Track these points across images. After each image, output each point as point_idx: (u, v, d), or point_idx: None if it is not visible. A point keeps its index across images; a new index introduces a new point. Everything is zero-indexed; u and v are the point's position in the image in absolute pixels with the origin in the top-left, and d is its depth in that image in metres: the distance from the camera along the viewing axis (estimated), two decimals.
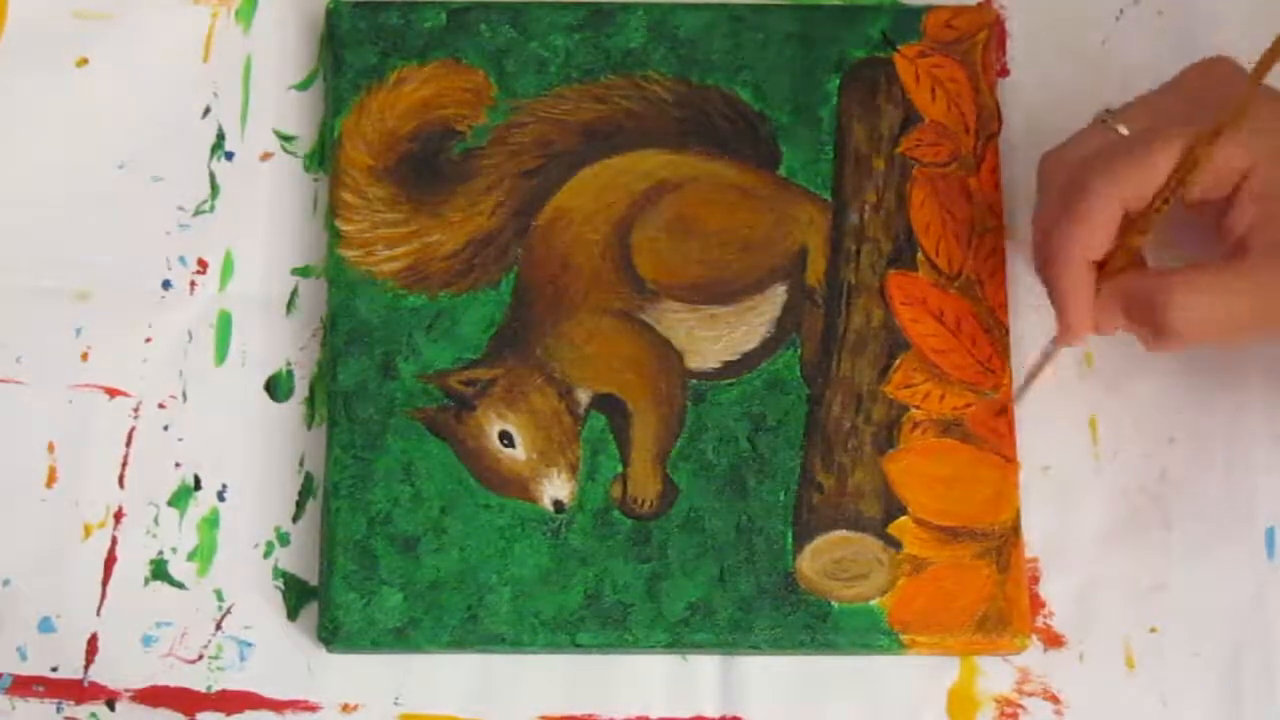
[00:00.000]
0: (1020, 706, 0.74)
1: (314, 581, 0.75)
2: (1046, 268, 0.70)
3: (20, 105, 0.80)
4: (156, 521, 0.75)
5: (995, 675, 0.74)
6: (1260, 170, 0.67)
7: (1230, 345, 0.69)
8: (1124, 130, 0.69)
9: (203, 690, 0.74)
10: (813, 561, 0.74)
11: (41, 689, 0.74)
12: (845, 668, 0.74)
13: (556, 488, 0.74)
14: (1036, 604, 0.75)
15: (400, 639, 0.73)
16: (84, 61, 0.80)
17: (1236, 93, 0.66)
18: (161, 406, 0.76)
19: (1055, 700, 0.74)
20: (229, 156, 0.79)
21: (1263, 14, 0.81)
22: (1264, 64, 0.64)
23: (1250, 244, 0.68)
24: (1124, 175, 0.67)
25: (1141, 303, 0.68)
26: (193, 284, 0.78)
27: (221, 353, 0.77)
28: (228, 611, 0.74)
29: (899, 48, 0.79)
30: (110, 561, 0.75)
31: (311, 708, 0.74)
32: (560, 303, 0.76)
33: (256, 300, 0.78)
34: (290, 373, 0.77)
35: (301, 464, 0.76)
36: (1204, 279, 0.68)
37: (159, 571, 0.75)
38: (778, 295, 0.76)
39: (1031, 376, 0.74)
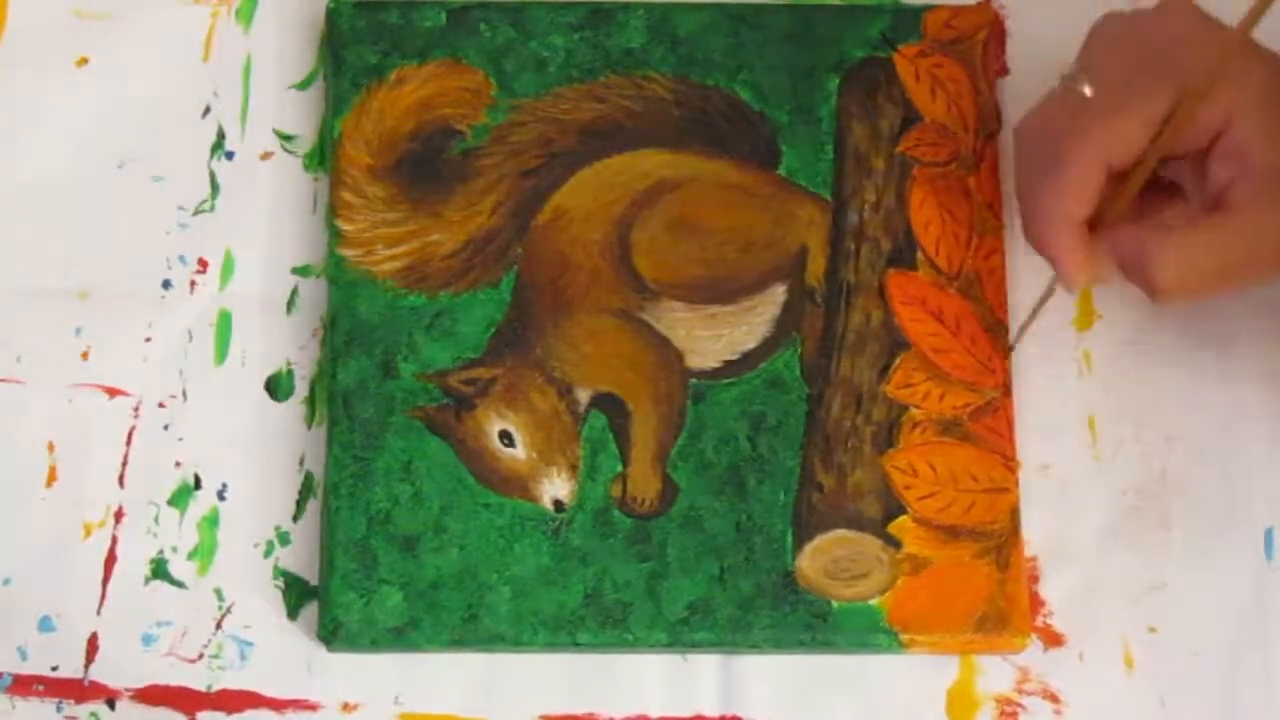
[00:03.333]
0: (1020, 706, 0.74)
1: (314, 581, 0.75)
2: (1032, 230, 0.71)
3: (20, 105, 0.80)
4: (156, 521, 0.75)
5: (995, 674, 0.74)
6: (1236, 125, 0.68)
7: (1217, 295, 0.72)
8: (1088, 91, 0.69)
9: (203, 690, 0.74)
10: (812, 561, 0.74)
11: (41, 688, 0.74)
12: (845, 667, 0.74)
13: (556, 487, 0.74)
14: (1036, 603, 0.75)
15: (400, 638, 0.73)
16: (84, 61, 0.80)
17: (1199, 39, 0.67)
18: (161, 406, 0.76)
19: (1055, 700, 0.74)
20: (229, 156, 0.79)
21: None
22: (1252, 17, 0.65)
23: (1231, 197, 0.69)
24: (1099, 139, 0.68)
25: (1132, 258, 0.69)
26: (193, 284, 0.78)
27: (221, 352, 0.77)
28: (228, 611, 0.74)
29: (899, 47, 0.79)
30: (110, 561, 0.75)
31: (311, 707, 0.74)
32: (560, 302, 0.76)
33: (256, 300, 0.78)
34: (290, 372, 0.77)
35: (301, 463, 0.76)
36: (1189, 234, 0.69)
37: (159, 571, 0.75)
38: (778, 294, 0.76)
39: (1031, 318, 0.75)
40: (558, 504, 0.74)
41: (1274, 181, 0.68)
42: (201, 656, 0.74)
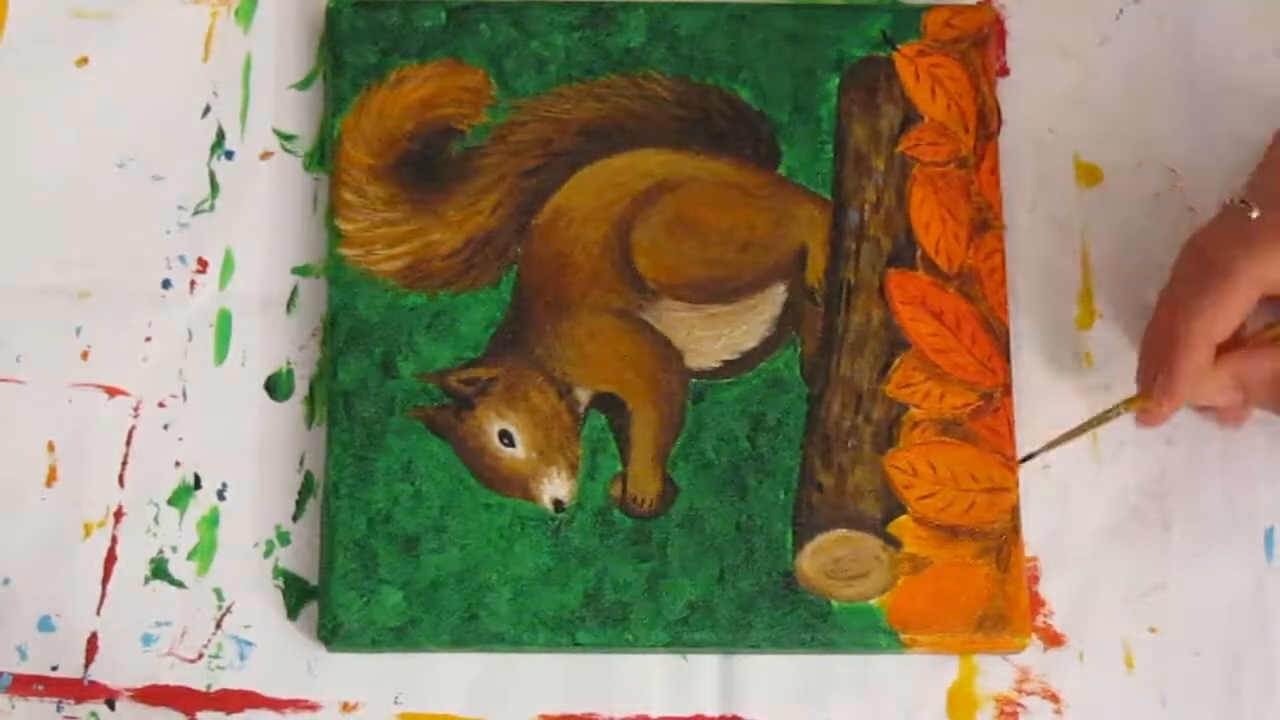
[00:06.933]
0: (1020, 705, 0.74)
1: (314, 581, 0.75)
2: (1172, 345, 0.71)
3: (20, 105, 0.80)
4: (156, 520, 0.75)
5: (995, 674, 0.74)
6: None
7: None
8: (1255, 214, 0.70)
9: (203, 689, 0.74)
10: (813, 560, 0.74)
11: (41, 688, 0.73)
12: (845, 667, 0.74)
13: (556, 487, 0.74)
14: (1036, 603, 0.75)
15: (400, 638, 0.73)
16: (84, 61, 0.80)
17: None
18: (161, 406, 0.76)
19: (1055, 699, 0.74)
20: (229, 155, 0.79)
21: (1262, 15, 0.81)
22: None
23: None
24: (1265, 258, 0.69)
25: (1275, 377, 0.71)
26: (193, 283, 0.78)
27: (221, 352, 0.77)
28: (228, 611, 0.74)
29: (899, 47, 0.79)
30: (110, 561, 0.75)
31: (311, 707, 0.74)
32: (560, 302, 0.76)
33: (256, 300, 0.78)
34: (290, 372, 0.77)
35: (301, 463, 0.76)
36: None
37: (159, 571, 0.75)
38: (778, 294, 0.76)
39: (1076, 434, 0.75)
40: (558, 504, 0.74)
41: None
42: (201, 656, 0.74)
